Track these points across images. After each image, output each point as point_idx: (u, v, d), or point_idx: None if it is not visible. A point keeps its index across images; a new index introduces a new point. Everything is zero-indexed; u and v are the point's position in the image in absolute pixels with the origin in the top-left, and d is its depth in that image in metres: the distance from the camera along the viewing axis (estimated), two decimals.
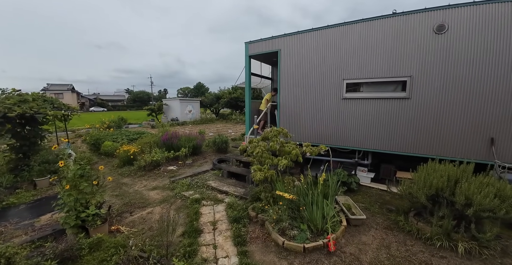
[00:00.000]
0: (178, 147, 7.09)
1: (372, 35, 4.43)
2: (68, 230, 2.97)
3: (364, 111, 4.68)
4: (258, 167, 3.19)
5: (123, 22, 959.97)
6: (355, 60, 4.62)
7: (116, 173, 6.12)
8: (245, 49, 6.08)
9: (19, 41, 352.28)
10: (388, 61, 4.36)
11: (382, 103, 4.51)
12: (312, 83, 5.17)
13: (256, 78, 7.34)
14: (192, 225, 3.25)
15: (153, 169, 6.09)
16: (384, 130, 4.55)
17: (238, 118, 21.99)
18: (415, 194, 3.25)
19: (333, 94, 4.93)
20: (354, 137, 4.86)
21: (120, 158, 6.61)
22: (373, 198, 4.35)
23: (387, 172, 5.29)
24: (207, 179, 5.11)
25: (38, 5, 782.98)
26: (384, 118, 4.52)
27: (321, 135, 5.22)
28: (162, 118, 21.00)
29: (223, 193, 4.44)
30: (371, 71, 4.52)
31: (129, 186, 5.16)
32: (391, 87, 4.50)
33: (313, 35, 5.00)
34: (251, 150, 3.36)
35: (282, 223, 2.89)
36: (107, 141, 8.45)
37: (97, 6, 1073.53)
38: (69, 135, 13.16)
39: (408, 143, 4.36)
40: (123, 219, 3.65)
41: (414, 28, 4.08)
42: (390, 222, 3.48)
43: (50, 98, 5.87)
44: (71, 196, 2.99)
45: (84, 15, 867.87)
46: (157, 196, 4.48)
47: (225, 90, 26.67)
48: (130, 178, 5.70)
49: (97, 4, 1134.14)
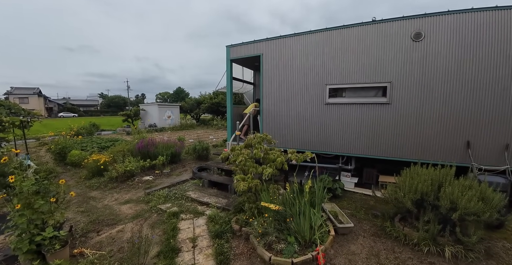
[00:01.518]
0: (155, 155, 6.64)
1: (353, 41, 4.48)
2: (20, 257, 2.52)
3: (347, 116, 4.69)
4: (241, 177, 2.97)
5: (97, 25, 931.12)
6: (337, 65, 4.64)
7: (84, 186, 5.54)
8: (226, 53, 5.91)
9: None
10: (369, 67, 4.42)
11: (364, 109, 4.54)
12: (295, 88, 5.10)
13: (238, 83, 7.19)
14: (168, 243, 2.92)
15: (126, 180, 5.60)
16: (366, 135, 4.57)
17: (220, 124, 21.60)
18: (401, 199, 3.22)
19: (316, 100, 4.90)
20: (337, 142, 4.83)
21: (89, 168, 6.02)
22: (358, 204, 4.31)
23: (370, 176, 5.32)
24: (187, 189, 4.77)
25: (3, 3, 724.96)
26: (366, 123, 4.55)
27: (305, 140, 5.15)
28: (139, 125, 19.99)
29: (204, 204, 4.14)
30: (353, 76, 4.55)
31: (98, 200, 4.65)
32: (372, 93, 4.56)
33: (296, 40, 4.97)
34: (234, 158, 3.14)
35: (268, 237, 2.68)
36: (75, 149, 7.72)
37: (69, 8, 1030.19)
38: (32, 143, 11.97)
39: (390, 147, 4.41)
40: (88, 239, 3.21)
41: (393, 36, 4.18)
42: (377, 228, 3.42)
43: (7, 103, 5.22)
44: (23, 216, 2.54)
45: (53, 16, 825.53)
46: (129, 211, 4.06)
47: (206, 95, 26.19)
48: (100, 191, 5.17)
49: (69, 5, 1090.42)
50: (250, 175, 3.00)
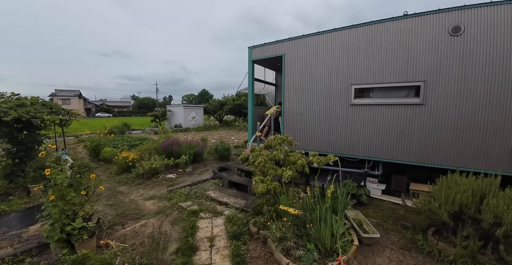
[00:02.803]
0: (178, 154, 6.86)
1: (382, 38, 4.21)
2: (52, 245, 2.71)
3: (374, 118, 4.41)
4: (260, 178, 2.91)
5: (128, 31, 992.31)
6: (364, 64, 4.39)
7: (114, 181, 5.89)
8: (248, 54, 5.93)
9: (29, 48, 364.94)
10: (400, 65, 4.11)
11: (394, 110, 4.24)
12: (318, 89, 4.94)
13: (260, 84, 7.17)
14: (187, 241, 2.95)
15: (151, 176, 5.85)
16: (396, 139, 4.25)
17: (242, 125, 21.80)
18: (436, 210, 2.92)
19: (341, 101, 4.68)
20: (363, 146, 4.56)
21: (119, 164, 6.40)
22: (385, 212, 4.01)
23: (399, 183, 4.95)
24: (207, 189, 4.83)
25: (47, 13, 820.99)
26: (396, 126, 4.23)
27: (327, 143, 4.94)
28: (165, 125, 20.94)
29: (223, 204, 4.15)
30: (381, 75, 4.28)
31: (125, 195, 4.91)
32: (403, 93, 4.24)
33: (320, 38, 4.81)
34: (253, 159, 3.09)
35: (286, 242, 2.58)
36: (107, 146, 8.28)
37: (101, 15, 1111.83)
38: (72, 140, 13.13)
39: (423, 152, 4.05)
40: (114, 232, 3.38)
41: (428, 30, 3.85)
42: (407, 241, 3.14)
43: (49, 103, 5.75)
44: (56, 207, 2.75)
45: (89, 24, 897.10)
46: (152, 207, 4.21)
47: (229, 97, 26.68)
48: (127, 186, 5.46)
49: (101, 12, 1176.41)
50: (270, 177, 2.93)
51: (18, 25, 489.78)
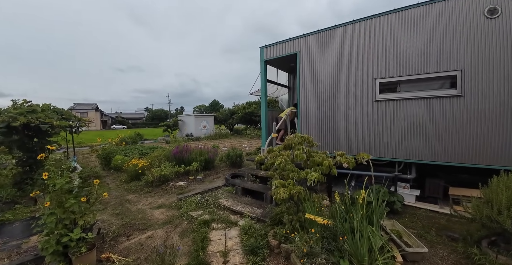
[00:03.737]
0: (189, 161, 6.57)
1: (410, 25, 3.82)
2: (47, 258, 2.41)
3: (404, 114, 3.94)
4: (280, 182, 2.51)
5: (142, 47, 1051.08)
6: (390, 55, 3.99)
7: (122, 189, 5.65)
8: (260, 54, 5.68)
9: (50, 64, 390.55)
10: (431, 54, 3.69)
11: (426, 104, 3.77)
12: (336, 86, 4.55)
13: (273, 87, 6.87)
14: (197, 256, 2.56)
15: (161, 184, 5.56)
16: (431, 137, 3.75)
17: (253, 133, 21.48)
18: (495, 218, 2.39)
19: (364, 97, 4.26)
20: (392, 146, 4.07)
21: (128, 172, 6.19)
22: (424, 222, 3.45)
23: (435, 188, 4.37)
24: (219, 197, 4.45)
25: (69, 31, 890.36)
26: (429, 122, 3.74)
27: (349, 144, 4.48)
28: (177, 134, 21.01)
29: (237, 213, 3.74)
30: (410, 66, 3.85)
31: (133, 204, 4.61)
32: (436, 84, 3.77)
33: (337, 32, 4.49)
34: (271, 161, 2.71)
35: (315, 258, 2.14)
36: (119, 155, 8.16)
37: (118, 32, 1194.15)
38: (86, 150, 13.28)
39: (465, 151, 3.51)
40: (117, 244, 3.04)
41: (460, 13, 3.44)
42: (459, 256, 2.60)
43: (60, 110, 5.70)
44: (53, 215, 2.46)
45: (108, 41, 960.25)
46: (161, 216, 3.87)
47: (240, 106, 26.63)
48: (136, 194, 5.18)
49: (118, 30, 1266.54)
50: (292, 181, 2.53)
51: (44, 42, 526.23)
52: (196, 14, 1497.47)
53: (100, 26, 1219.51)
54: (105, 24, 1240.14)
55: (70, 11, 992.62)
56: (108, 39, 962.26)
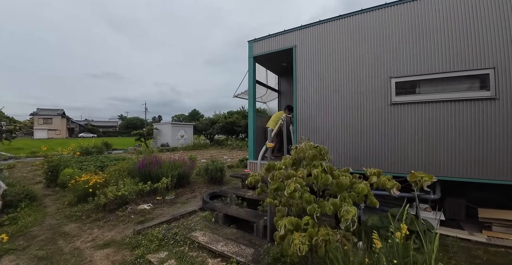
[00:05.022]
0: (158, 177, 5.34)
1: (431, 15, 3.19)
2: None
3: (425, 120, 3.22)
4: (291, 221, 1.51)
5: (119, 53, 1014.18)
6: (408, 50, 3.31)
7: (63, 215, 4.26)
8: (248, 50, 4.81)
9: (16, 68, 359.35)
10: (457, 48, 3.06)
11: (453, 108, 3.08)
12: (342, 86, 3.77)
13: (261, 90, 5.99)
14: None
15: (116, 208, 4.25)
16: (460, 148, 3.04)
17: (234, 144, 20.33)
18: None
19: (376, 99, 3.51)
20: (412, 159, 3.30)
21: (75, 191, 4.80)
22: (459, 255, 2.64)
23: (456, 210, 3.64)
24: (193, 228, 3.30)
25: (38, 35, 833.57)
26: (458, 130, 3.05)
27: (358, 157, 3.65)
28: (151, 144, 19.22)
29: (217, 256, 2.63)
30: (432, 64, 3.18)
31: (70, 239, 3.30)
32: (464, 85, 3.12)
33: (343, 23, 3.77)
34: (274, 185, 1.72)
35: None
36: (70, 168, 6.62)
37: (94, 38, 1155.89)
38: (39, 160, 11.20)
39: (503, 165, 2.83)
40: None
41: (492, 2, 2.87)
42: None
43: None
44: None
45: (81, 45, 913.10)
46: (104, 262, 2.64)
47: (221, 115, 25.53)
48: (79, 224, 3.84)
49: (94, 35, 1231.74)
50: (311, 220, 1.54)
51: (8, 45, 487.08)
52: (179, 25, 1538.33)
53: (78, 31, 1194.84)
54: (82, 29, 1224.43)
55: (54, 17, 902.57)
56: (83, 44, 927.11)
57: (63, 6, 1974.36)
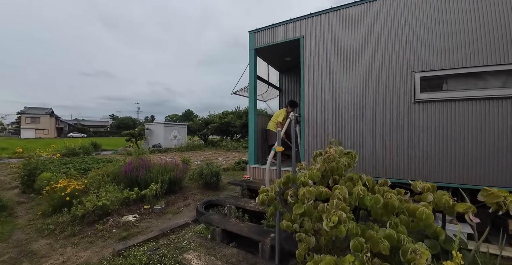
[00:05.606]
0: (146, 182, 4.79)
1: (460, 1, 2.78)
2: None
3: (454, 121, 2.80)
4: (329, 262, 1.03)
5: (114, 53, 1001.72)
6: (435, 41, 2.89)
7: (34, 228, 3.66)
8: (249, 41, 4.32)
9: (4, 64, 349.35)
10: (491, 40, 2.65)
11: (487, 107, 2.67)
12: (358, 81, 3.33)
13: (263, 86, 5.51)
14: None
15: (97, 220, 3.68)
16: (495, 152, 2.63)
17: (229, 145, 19.78)
18: None
19: (397, 96, 3.07)
20: (439, 165, 2.88)
21: (50, 200, 4.20)
22: None
23: (484, 221, 3.24)
24: (185, 247, 2.78)
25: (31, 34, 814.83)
26: (492, 131, 2.63)
27: (376, 162, 3.21)
28: (142, 144, 18.48)
29: None
30: (462, 57, 2.77)
31: (38, 261, 2.74)
32: (498, 81, 2.72)
33: (360, 10, 3.33)
34: (300, 210, 1.20)
35: None
36: (48, 171, 5.99)
37: (88, 36, 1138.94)
38: (21, 162, 10.39)
39: None
40: None
41: None
42: None
43: None
44: None
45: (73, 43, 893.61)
46: None
47: (215, 115, 24.93)
48: (51, 240, 3.26)
49: (87, 34, 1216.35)
50: (356, 260, 1.06)
51: None
52: (174, 24, 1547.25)
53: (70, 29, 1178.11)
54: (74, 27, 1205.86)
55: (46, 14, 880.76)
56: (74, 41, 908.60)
57: (54, 2, 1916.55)
